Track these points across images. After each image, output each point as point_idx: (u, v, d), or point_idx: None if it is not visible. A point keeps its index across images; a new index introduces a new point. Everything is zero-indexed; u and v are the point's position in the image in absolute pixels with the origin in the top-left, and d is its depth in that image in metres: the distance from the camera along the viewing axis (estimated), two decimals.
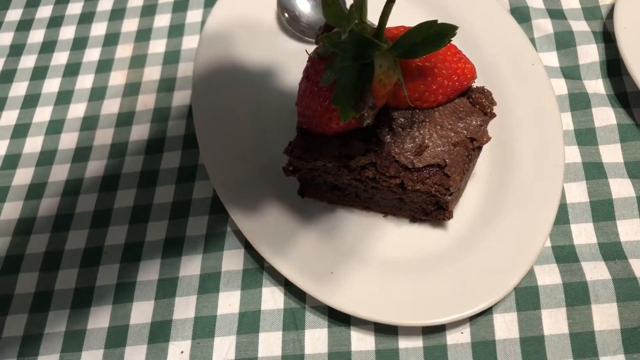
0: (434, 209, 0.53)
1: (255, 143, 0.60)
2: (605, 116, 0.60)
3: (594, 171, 0.57)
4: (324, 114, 0.47)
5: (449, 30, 0.45)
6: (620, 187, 0.56)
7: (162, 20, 0.75)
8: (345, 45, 0.44)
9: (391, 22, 0.45)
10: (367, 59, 0.45)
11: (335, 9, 0.45)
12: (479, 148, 0.50)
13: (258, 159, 0.59)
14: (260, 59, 0.67)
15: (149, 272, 0.57)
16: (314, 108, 0.48)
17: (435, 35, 0.45)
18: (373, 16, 0.46)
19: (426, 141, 0.49)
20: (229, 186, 0.57)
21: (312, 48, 0.49)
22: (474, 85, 0.51)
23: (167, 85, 0.69)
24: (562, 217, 0.55)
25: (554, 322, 0.50)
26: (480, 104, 0.51)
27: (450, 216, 0.53)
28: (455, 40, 0.45)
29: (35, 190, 0.64)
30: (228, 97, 0.63)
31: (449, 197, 0.49)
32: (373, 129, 0.49)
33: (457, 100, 0.51)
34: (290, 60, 0.66)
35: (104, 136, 0.67)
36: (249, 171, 0.58)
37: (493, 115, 0.51)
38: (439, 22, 0.44)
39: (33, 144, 0.67)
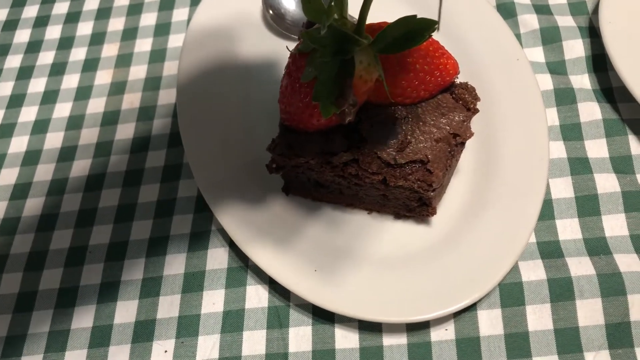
0: (417, 205, 0.53)
1: (239, 141, 0.60)
2: (590, 111, 0.60)
3: (580, 166, 0.57)
4: (304, 111, 0.47)
5: (428, 25, 0.44)
6: (605, 182, 0.56)
7: (149, 19, 0.75)
8: (325, 40, 0.44)
9: (374, 18, 0.44)
10: (347, 55, 0.44)
11: (315, 5, 0.45)
12: (462, 144, 0.50)
13: (243, 156, 0.59)
14: (246, 57, 0.66)
15: (134, 272, 0.57)
16: (295, 105, 0.48)
17: (415, 30, 0.45)
18: (354, 11, 0.45)
19: (408, 137, 0.49)
20: (213, 185, 0.57)
21: (293, 45, 0.49)
22: (458, 80, 0.51)
23: (153, 83, 0.69)
24: (547, 212, 0.55)
25: (539, 318, 0.50)
26: (464, 100, 0.51)
27: (433, 212, 0.53)
28: (439, 36, 0.45)
29: (20, 190, 0.64)
30: (213, 96, 0.63)
31: (432, 193, 0.49)
32: (355, 125, 0.49)
33: (440, 96, 0.51)
34: (275, 57, 0.66)
35: (89, 135, 0.66)
36: (234, 169, 0.58)
37: (476, 111, 0.51)
38: (418, 17, 0.44)
39: (18, 144, 0.67)
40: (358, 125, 0.49)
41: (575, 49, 0.64)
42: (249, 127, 0.61)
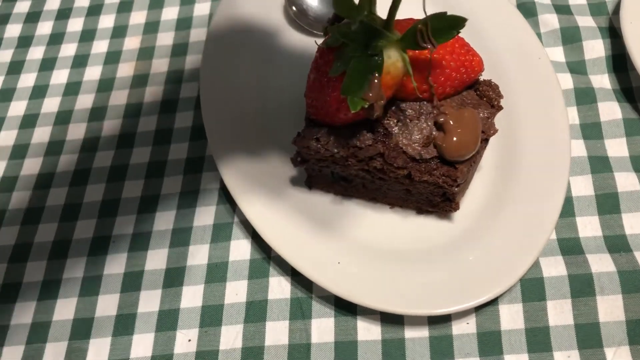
0: (440, 200, 0.53)
1: (263, 134, 0.61)
2: (610, 111, 0.61)
3: (600, 165, 0.58)
4: (332, 105, 0.48)
5: (458, 22, 0.45)
6: (625, 181, 0.56)
7: (170, 13, 0.76)
8: (355, 35, 0.44)
9: (399, 15, 0.45)
10: (376, 50, 0.45)
11: (346, 0, 0.45)
12: (486, 140, 0.51)
13: (266, 149, 0.60)
14: (268, 52, 0.67)
15: (157, 262, 0.57)
16: (323, 98, 0.48)
17: (444, 27, 0.45)
18: (381, 10, 0.46)
19: (434, 133, 0.49)
20: (237, 176, 0.57)
21: (320, 40, 0.49)
22: (481, 78, 0.52)
23: (174, 77, 0.70)
24: (568, 210, 0.56)
25: (559, 313, 0.51)
26: (488, 97, 0.51)
27: (456, 208, 0.54)
28: (462, 34, 0.46)
29: (43, 180, 0.64)
30: (236, 89, 0.64)
31: (456, 189, 0.50)
32: (381, 120, 0.50)
33: (465, 93, 0.51)
34: (298, 53, 0.66)
35: (111, 127, 0.67)
36: (257, 162, 0.59)
37: (500, 108, 0.51)
38: (448, 14, 0.45)
39: (42, 134, 0.68)
40: (384, 120, 0.50)
41: (595, 48, 0.65)
42: (272, 121, 0.62)
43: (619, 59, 0.64)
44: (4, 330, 0.56)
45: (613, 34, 0.66)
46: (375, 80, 0.46)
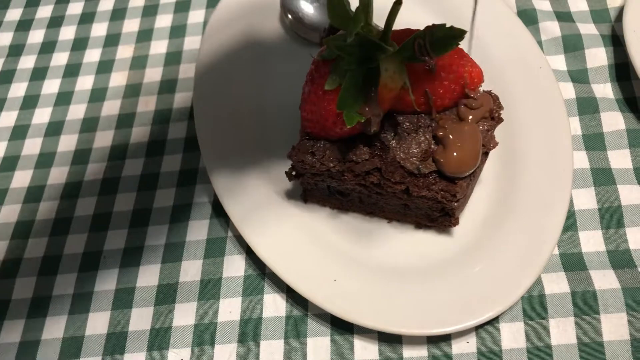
0: (439, 215, 0.52)
1: (257, 146, 0.59)
2: (614, 121, 0.59)
3: (603, 177, 0.56)
4: (328, 118, 0.46)
5: (457, 34, 0.44)
6: (629, 194, 0.55)
7: (164, 21, 0.74)
8: (351, 48, 0.43)
9: (397, 25, 0.44)
10: (373, 63, 0.44)
11: (341, 11, 0.44)
12: (486, 154, 0.49)
13: (260, 162, 0.58)
14: (263, 62, 0.66)
15: (149, 278, 0.56)
16: (318, 112, 0.47)
17: (443, 39, 0.44)
18: (378, 19, 0.45)
19: (432, 146, 0.48)
20: (231, 190, 0.56)
21: (316, 51, 0.48)
22: (481, 89, 0.50)
23: (168, 86, 0.68)
24: (570, 224, 0.54)
25: (562, 331, 0.49)
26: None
27: (456, 222, 0.52)
28: (461, 44, 0.45)
29: (34, 193, 0.63)
30: (230, 100, 0.62)
31: (455, 204, 0.48)
32: (378, 133, 0.48)
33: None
34: (294, 62, 0.65)
35: (104, 138, 0.66)
36: (251, 175, 0.57)
37: (500, 120, 0.50)
38: (447, 25, 0.43)
39: (32, 146, 0.66)
40: (381, 134, 0.48)
41: (597, 57, 0.63)
42: (267, 133, 0.60)
43: (621, 68, 0.62)
44: None
45: (616, 42, 0.64)
46: (372, 94, 0.45)
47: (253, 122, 0.61)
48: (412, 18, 0.51)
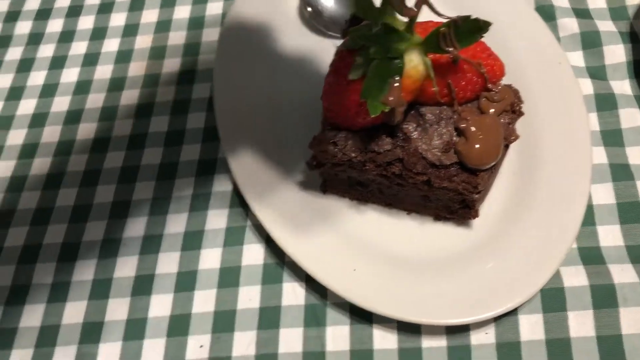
0: (459, 207, 0.52)
1: (277, 137, 0.60)
2: (632, 117, 0.59)
3: (621, 173, 0.56)
4: (351, 108, 0.47)
5: (482, 26, 0.44)
6: None
7: (182, 12, 0.74)
8: (377, 38, 0.43)
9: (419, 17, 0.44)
10: (397, 53, 0.44)
11: (366, 2, 0.44)
12: (507, 146, 0.50)
13: (280, 153, 0.59)
14: (282, 53, 0.66)
15: (168, 265, 0.56)
16: (341, 102, 0.47)
17: (468, 30, 0.44)
18: None
19: (454, 138, 0.48)
20: (251, 180, 0.56)
21: (337, 42, 0.48)
22: (502, 82, 0.51)
23: (187, 77, 0.69)
24: (588, 218, 0.54)
25: (581, 324, 0.50)
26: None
27: (476, 215, 0.53)
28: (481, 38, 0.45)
29: (53, 180, 0.63)
30: (250, 91, 0.63)
31: (476, 196, 0.49)
32: (400, 124, 0.49)
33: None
34: (312, 54, 0.65)
35: (122, 127, 0.66)
36: (271, 165, 0.58)
37: (521, 114, 0.50)
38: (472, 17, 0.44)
39: (51, 134, 0.67)
40: (403, 125, 0.49)
41: (616, 54, 0.63)
42: (287, 124, 0.61)
43: None
44: (12, 333, 0.55)
45: (634, 38, 0.64)
46: (396, 84, 0.45)
47: (273, 113, 0.61)
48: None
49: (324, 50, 0.65)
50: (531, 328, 0.50)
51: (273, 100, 0.62)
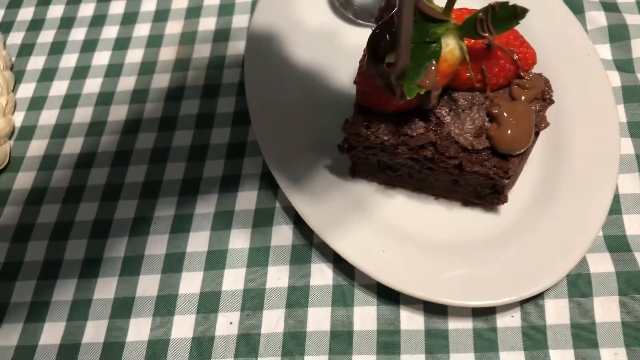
0: (489, 192, 0.53)
1: (307, 121, 0.61)
2: None
3: None
4: (384, 92, 0.47)
5: (519, 12, 0.45)
6: None
7: None
8: (414, 22, 0.44)
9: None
10: (434, 37, 0.45)
11: None
12: (537, 133, 0.50)
13: (310, 136, 0.59)
14: (312, 41, 0.67)
15: (198, 244, 0.58)
16: (376, 85, 0.48)
17: (504, 17, 0.45)
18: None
19: (486, 123, 0.49)
20: (281, 161, 0.57)
21: (369, 30, 0.49)
22: (532, 71, 0.51)
23: (217, 62, 0.70)
24: (615, 207, 0.55)
25: (606, 310, 0.50)
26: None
27: (505, 200, 0.53)
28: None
29: (85, 160, 0.65)
30: (280, 76, 0.64)
31: (507, 181, 0.49)
32: (433, 109, 0.49)
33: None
34: (343, 41, 0.66)
35: (153, 109, 0.67)
36: (301, 148, 0.59)
37: (552, 102, 0.51)
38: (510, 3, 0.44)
39: (83, 115, 0.68)
40: (436, 109, 0.49)
41: None
42: (316, 109, 0.61)
43: None
44: (45, 306, 0.56)
45: None
46: (433, 68, 0.46)
47: (303, 98, 0.62)
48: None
49: (352, 37, 0.66)
50: (557, 312, 0.51)
51: (304, 85, 0.63)
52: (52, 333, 0.55)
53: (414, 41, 0.44)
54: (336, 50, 0.66)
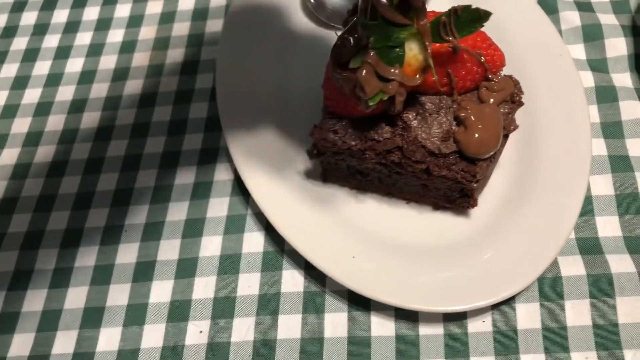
0: (458, 196, 0.52)
1: (279, 126, 0.60)
2: (632, 110, 0.59)
3: (621, 164, 0.57)
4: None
5: (482, 15, 0.44)
6: None
7: (187, 3, 0.75)
8: (377, 27, 0.43)
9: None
10: (397, 42, 0.44)
11: None
12: (506, 136, 0.50)
13: (281, 142, 0.59)
14: (284, 44, 0.66)
15: (169, 252, 0.57)
16: (342, 90, 0.47)
17: (468, 20, 0.45)
18: None
19: (453, 127, 0.48)
20: (252, 168, 0.57)
21: (339, 32, 0.49)
22: (502, 73, 0.51)
23: (190, 67, 0.69)
24: (587, 209, 0.55)
25: (578, 313, 0.50)
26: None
27: (474, 204, 0.53)
28: (482, 28, 0.45)
29: (57, 168, 0.64)
30: (252, 81, 0.63)
31: (475, 185, 0.49)
32: (400, 113, 0.49)
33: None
34: (314, 45, 0.66)
35: (125, 116, 0.67)
36: (272, 154, 0.58)
37: (521, 104, 0.51)
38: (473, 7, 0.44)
39: (56, 123, 0.67)
40: (403, 114, 0.49)
41: (617, 47, 0.64)
42: (288, 113, 0.61)
43: None
44: (15, 318, 0.55)
45: (636, 32, 0.64)
46: (396, 73, 0.45)
47: (274, 102, 0.62)
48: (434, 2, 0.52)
49: (325, 40, 0.66)
50: (528, 316, 0.50)
51: (275, 90, 0.63)
52: (21, 344, 0.54)
53: (376, 46, 0.44)
54: (308, 53, 0.65)
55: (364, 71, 0.44)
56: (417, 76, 0.46)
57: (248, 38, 0.66)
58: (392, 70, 0.45)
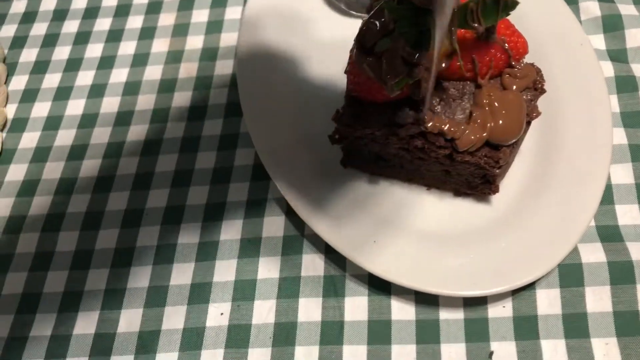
0: (480, 182, 0.53)
1: (299, 112, 0.60)
2: None
3: None
4: (375, 81, 0.47)
5: (510, 4, 0.44)
6: None
7: None
8: (404, 11, 0.44)
9: None
10: (424, 27, 0.45)
11: None
12: (528, 123, 0.50)
13: (301, 127, 0.59)
14: (304, 32, 0.66)
15: (190, 235, 0.57)
16: (366, 75, 0.48)
17: (495, 8, 0.45)
18: None
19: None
20: (273, 153, 0.57)
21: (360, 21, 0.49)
22: (524, 61, 0.51)
23: (210, 54, 0.70)
24: (607, 197, 0.55)
25: (598, 299, 0.50)
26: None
27: (496, 190, 0.53)
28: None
29: (78, 153, 0.64)
30: (272, 68, 0.63)
31: (498, 170, 0.49)
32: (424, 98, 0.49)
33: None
34: (335, 32, 0.66)
35: (145, 101, 0.67)
36: (293, 139, 0.58)
37: (543, 91, 0.51)
38: None
39: (75, 107, 0.68)
40: None
41: (637, 37, 0.63)
42: (308, 100, 0.61)
43: None
44: (37, 298, 0.56)
45: None
46: (422, 58, 0.45)
47: (296, 88, 0.62)
48: None
49: (345, 29, 0.65)
50: (548, 302, 0.50)
51: (295, 76, 0.63)
52: (43, 325, 0.55)
53: (402, 30, 0.44)
54: (328, 41, 0.65)
55: (390, 55, 0.44)
56: (443, 61, 0.46)
57: (268, 25, 0.66)
58: (418, 54, 0.45)
